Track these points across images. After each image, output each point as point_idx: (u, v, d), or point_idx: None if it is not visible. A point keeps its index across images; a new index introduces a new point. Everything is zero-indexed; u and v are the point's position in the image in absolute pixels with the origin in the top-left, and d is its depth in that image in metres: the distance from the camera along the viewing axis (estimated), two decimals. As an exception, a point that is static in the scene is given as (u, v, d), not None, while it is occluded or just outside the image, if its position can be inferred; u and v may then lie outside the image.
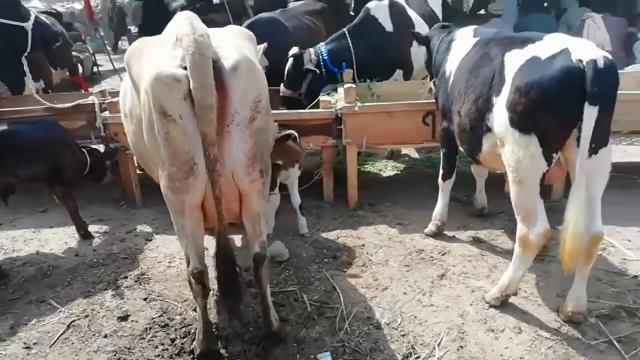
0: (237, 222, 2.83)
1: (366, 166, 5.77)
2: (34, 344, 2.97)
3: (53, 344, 2.97)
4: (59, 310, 3.28)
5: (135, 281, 3.60)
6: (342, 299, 3.30)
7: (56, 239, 4.29)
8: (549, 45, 2.70)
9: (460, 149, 3.50)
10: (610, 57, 2.59)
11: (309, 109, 4.71)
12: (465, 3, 12.63)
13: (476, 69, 3.10)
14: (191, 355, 2.85)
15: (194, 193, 2.43)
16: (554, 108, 2.56)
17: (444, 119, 3.62)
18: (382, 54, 5.36)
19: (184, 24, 2.34)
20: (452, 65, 3.49)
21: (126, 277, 3.64)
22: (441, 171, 3.91)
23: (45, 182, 4.14)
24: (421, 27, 5.52)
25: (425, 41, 4.15)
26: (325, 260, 3.81)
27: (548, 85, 2.54)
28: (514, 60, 2.78)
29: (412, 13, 5.73)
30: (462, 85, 3.21)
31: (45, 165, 4.01)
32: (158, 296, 3.42)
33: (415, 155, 6.06)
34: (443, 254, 3.77)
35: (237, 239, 4.20)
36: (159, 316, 3.22)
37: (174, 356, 2.88)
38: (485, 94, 2.94)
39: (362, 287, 3.45)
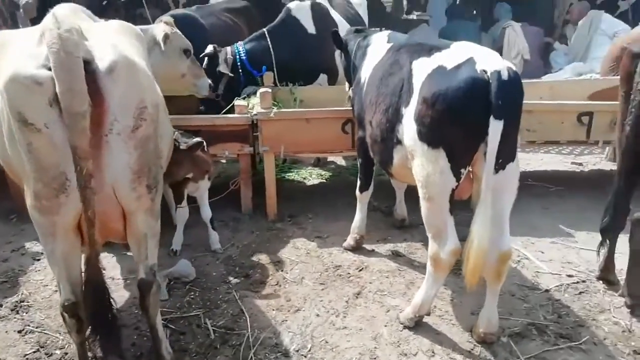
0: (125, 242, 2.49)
1: (290, 174, 5.55)
2: None
3: None
4: None
5: (12, 310, 3.14)
6: (249, 324, 3.03)
7: None
8: (454, 54, 2.59)
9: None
10: (514, 68, 2.50)
11: (224, 113, 4.39)
12: (394, 7, 12.66)
13: (387, 76, 2.95)
14: (69, 398, 2.48)
15: (65, 214, 2.08)
16: (460, 121, 2.44)
17: (359, 128, 3.46)
18: (304, 57, 5.16)
19: (49, 16, 1.99)
20: (366, 71, 3.33)
21: (1, 306, 3.17)
22: (358, 182, 3.75)
23: None
24: (345, 30, 5.37)
25: (340, 45, 3.96)
26: (236, 279, 3.53)
27: (454, 96, 2.41)
28: (421, 69, 2.65)
29: (336, 15, 5.58)
30: (373, 94, 3.05)
31: None
32: (37, 327, 2.99)
33: (343, 162, 5.91)
34: (360, 270, 3.60)
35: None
36: (34, 352, 2.80)
37: (49, 400, 2.49)
38: (395, 104, 2.79)
39: (273, 310, 3.19)
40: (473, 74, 2.42)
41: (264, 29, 5.18)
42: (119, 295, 3.31)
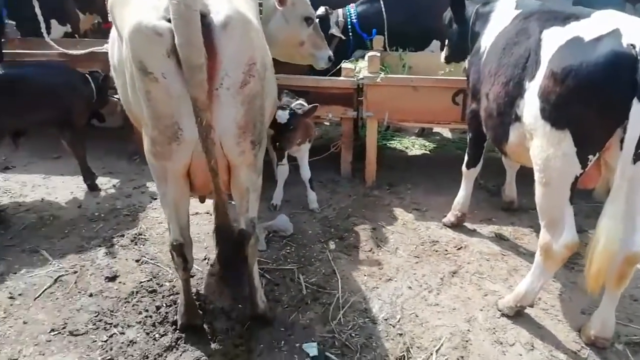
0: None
1: (392, 142, 5.43)
2: (19, 294, 2.90)
3: (37, 297, 2.89)
4: (49, 262, 3.19)
5: (131, 241, 3.47)
6: (340, 285, 3.07)
7: (63, 188, 4.21)
8: (596, 24, 2.27)
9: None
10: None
11: (330, 76, 4.36)
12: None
13: (511, 46, 2.69)
14: (173, 327, 2.71)
15: (177, 160, 2.20)
16: (595, 101, 2.16)
17: (472, 100, 3.23)
18: (418, 21, 4.91)
19: None
20: (487, 40, 3.07)
21: (123, 236, 3.52)
22: (466, 157, 3.55)
23: (55, 128, 4.04)
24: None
25: (459, 11, 3.62)
26: (331, 240, 3.57)
27: (589, 73, 2.13)
28: (552, 40, 2.37)
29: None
30: (493, 64, 2.81)
31: (54, 110, 3.89)
32: (151, 259, 3.28)
33: (448, 134, 5.66)
34: (459, 249, 3.46)
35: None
36: (148, 280, 3.09)
37: (157, 324, 2.74)
38: (517, 77, 2.54)
39: (365, 275, 3.20)
40: (617, 47, 2.12)
41: (377, -10, 4.99)
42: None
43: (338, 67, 4.45)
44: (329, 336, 2.69)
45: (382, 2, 4.99)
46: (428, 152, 5.22)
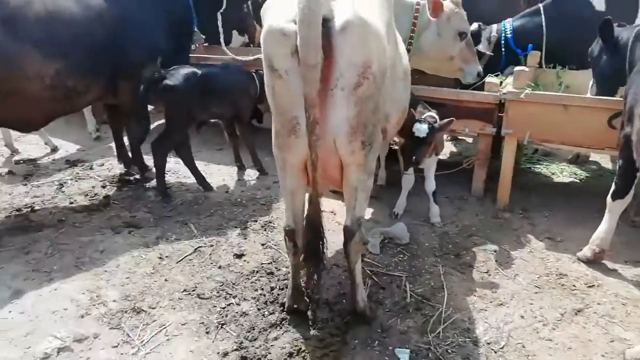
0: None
1: (538, 166, 5.05)
2: (166, 256, 3.45)
3: (179, 261, 3.41)
4: (194, 234, 3.73)
5: (262, 226, 3.86)
6: (445, 301, 3.00)
7: (218, 175, 4.83)
8: None
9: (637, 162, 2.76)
10: None
11: (472, 89, 4.25)
12: None
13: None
14: (281, 307, 2.96)
15: (295, 152, 2.41)
16: None
17: (627, 123, 2.88)
18: (583, 37, 4.47)
19: None
20: (652, 57, 2.72)
21: (256, 221, 3.93)
22: (613, 187, 3.16)
23: (230, 120, 4.66)
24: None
25: (610, 37, 3.29)
26: (446, 255, 3.50)
27: None
28: None
29: (641, -8, 4.63)
30: (653, 82, 2.48)
31: (233, 104, 4.49)
32: (275, 245, 3.61)
33: (608, 164, 5.05)
34: (590, 286, 3.10)
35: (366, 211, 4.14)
36: (269, 263, 3.40)
37: (268, 303, 3.02)
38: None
39: (475, 296, 3.07)
40: None
41: (540, 4, 4.72)
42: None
43: (482, 81, 4.33)
44: (424, 347, 2.67)
45: (543, 16, 4.72)
46: (577, 181, 4.74)
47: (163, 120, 5.63)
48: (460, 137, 5.76)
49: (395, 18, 3.47)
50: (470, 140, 5.62)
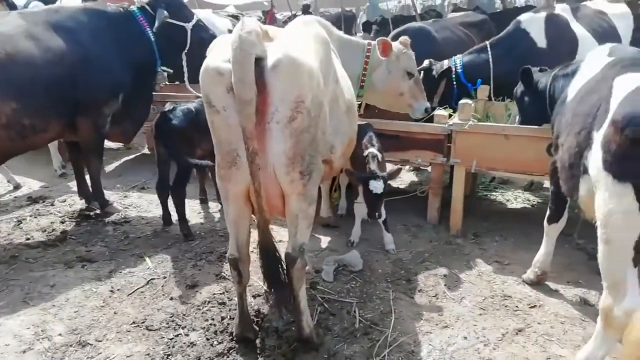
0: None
1: (493, 194, 5.22)
2: (118, 289, 3.45)
3: (130, 293, 3.40)
4: (148, 267, 3.75)
5: (218, 258, 3.88)
6: (392, 325, 3.05)
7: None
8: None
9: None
10: None
11: (423, 122, 4.44)
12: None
13: (588, 94, 2.56)
14: (230, 337, 2.97)
15: (235, 183, 2.51)
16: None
17: (555, 150, 3.05)
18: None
19: (240, 22, 2.37)
20: (573, 89, 2.93)
21: (212, 253, 3.96)
22: (548, 212, 3.31)
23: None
24: (588, 45, 4.74)
25: (530, 83, 3.61)
26: (398, 281, 3.57)
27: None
28: (622, 87, 2.22)
29: (578, 28, 4.97)
30: (570, 114, 2.67)
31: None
32: (229, 275, 3.63)
33: (560, 191, 5.24)
34: (532, 307, 3.20)
35: (323, 240, 4.23)
36: (221, 293, 3.42)
37: (218, 333, 3.02)
38: (587, 126, 2.40)
39: (422, 319, 3.13)
40: None
41: (487, 42, 5.01)
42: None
43: (430, 114, 4.53)
44: (368, 371, 2.70)
45: (489, 52, 5.00)
46: (531, 207, 4.90)
47: (131, 157, 5.71)
48: (422, 167, 5.95)
49: (346, 58, 3.68)
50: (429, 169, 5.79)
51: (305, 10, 17.54)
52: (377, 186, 3.51)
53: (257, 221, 2.55)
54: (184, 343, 2.92)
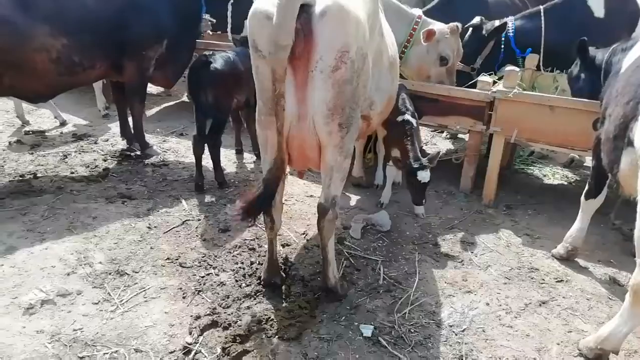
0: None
1: (531, 168, 5.11)
2: (155, 227, 3.61)
3: (166, 231, 3.56)
4: (184, 208, 3.89)
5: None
6: (416, 285, 3.11)
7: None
8: None
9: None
10: None
11: (467, 87, 4.34)
12: None
13: (643, 65, 2.43)
14: (258, 280, 3.09)
15: (275, 130, 2.53)
16: None
17: (601, 123, 2.95)
18: (580, 42, 4.54)
19: None
20: (628, 60, 2.79)
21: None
22: (586, 187, 3.23)
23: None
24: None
25: (585, 57, 3.50)
26: (424, 244, 3.60)
27: None
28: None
29: (641, 0, 4.67)
30: (621, 84, 2.56)
31: (249, 88, 3.99)
32: (260, 223, 3.72)
33: (601, 171, 5.08)
34: (559, 281, 3.18)
35: (353, 199, 4.27)
36: (252, 239, 3.54)
37: (246, 276, 3.15)
38: (637, 97, 2.30)
39: (446, 282, 3.17)
40: None
41: (541, 7, 4.77)
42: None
43: (475, 80, 4.41)
44: (388, 325, 2.77)
45: (542, 19, 4.77)
46: (568, 184, 4.79)
47: (171, 103, 5.83)
48: (459, 136, 5.85)
49: (393, 25, 3.60)
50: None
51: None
52: (425, 176, 3.50)
53: (275, 158, 2.49)
54: (214, 282, 3.06)
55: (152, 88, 6.29)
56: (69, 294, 2.83)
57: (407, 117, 3.71)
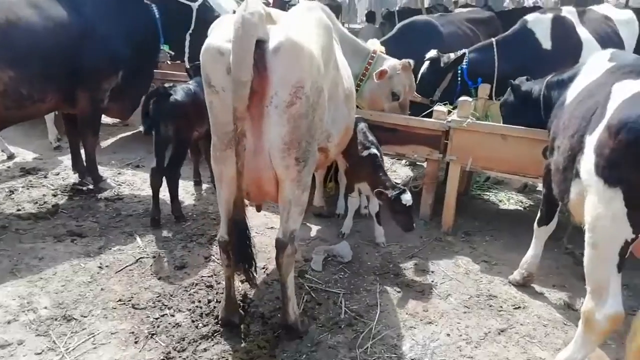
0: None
1: (487, 194, 5.23)
2: (106, 266, 3.45)
3: (119, 271, 3.41)
4: (138, 245, 3.75)
5: (208, 240, 3.89)
6: (377, 317, 3.08)
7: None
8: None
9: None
10: None
11: (422, 117, 4.43)
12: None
13: (587, 98, 2.55)
14: (215, 320, 2.98)
15: (230, 165, 2.48)
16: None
17: (550, 153, 3.06)
18: (531, 72, 4.71)
19: (244, 2, 2.33)
20: (572, 92, 2.92)
21: (202, 235, 3.96)
22: (538, 214, 3.32)
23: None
24: (592, 49, 4.73)
25: (520, 93, 3.69)
26: (386, 274, 3.58)
27: (644, 127, 1.96)
28: (619, 93, 2.22)
29: (583, 33, 4.95)
30: (567, 116, 2.67)
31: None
32: (218, 258, 3.63)
33: (553, 195, 5.25)
34: (516, 308, 3.22)
35: (314, 229, 4.24)
36: (209, 276, 3.43)
37: (203, 315, 3.04)
38: (582, 130, 2.41)
39: (407, 314, 3.16)
40: None
41: (493, 39, 4.98)
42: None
43: (431, 109, 4.52)
44: (350, 361, 2.72)
45: (495, 50, 4.97)
46: (523, 209, 4.92)
47: (127, 133, 5.70)
48: (417, 163, 5.95)
49: (348, 59, 3.66)
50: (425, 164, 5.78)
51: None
52: (409, 198, 3.51)
53: (235, 198, 2.50)
54: (169, 323, 2.93)
55: (107, 118, 6.13)
56: (9, 345, 2.64)
57: (373, 150, 3.75)
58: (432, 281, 3.52)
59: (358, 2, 29.13)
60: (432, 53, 4.98)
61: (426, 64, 4.98)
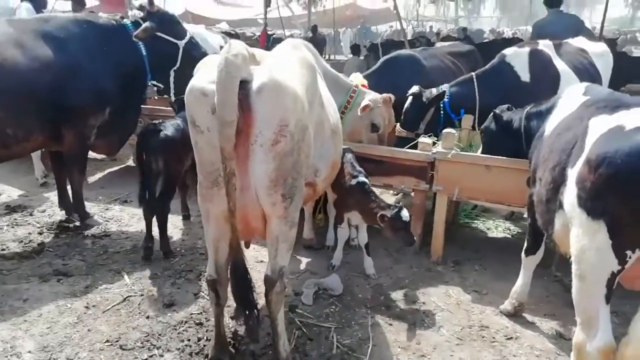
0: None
1: (475, 222, 5.28)
2: (93, 306, 3.39)
3: (106, 310, 3.35)
4: (125, 283, 3.69)
5: (197, 276, 3.85)
6: (369, 352, 3.04)
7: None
8: (643, 113, 2.16)
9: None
10: None
11: (409, 148, 4.50)
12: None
13: (564, 132, 2.63)
14: (205, 358, 2.93)
15: (217, 203, 2.50)
16: (629, 192, 2.02)
17: (532, 184, 3.12)
18: (512, 104, 4.85)
19: (227, 44, 2.40)
20: (551, 125, 3.01)
21: (191, 271, 3.92)
22: (525, 244, 3.36)
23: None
24: (569, 81, 4.89)
25: (502, 123, 3.80)
26: (377, 307, 3.57)
27: (623, 162, 2.02)
28: (597, 127, 2.30)
29: (560, 64, 5.11)
30: (547, 149, 2.75)
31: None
32: (207, 296, 3.59)
33: (540, 222, 5.31)
34: (509, 339, 3.22)
35: (304, 262, 4.22)
36: (199, 313, 3.38)
37: (193, 354, 2.98)
38: (563, 163, 2.47)
39: (400, 347, 3.13)
40: None
41: (473, 73, 5.12)
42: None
43: (416, 141, 4.59)
44: (342, 399, 2.68)
45: (475, 84, 5.09)
46: (511, 237, 4.96)
47: (115, 168, 5.69)
48: (405, 193, 6.00)
49: (331, 93, 3.74)
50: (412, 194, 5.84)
51: (314, 30, 17.75)
52: (406, 214, 3.55)
53: (230, 240, 2.52)
54: (158, 364, 2.87)
55: (95, 153, 6.11)
56: (-8, 392, 2.56)
57: (362, 178, 3.81)
58: (424, 313, 3.50)
59: (342, 35, 29.86)
60: (415, 89, 5.10)
61: (409, 99, 5.09)
